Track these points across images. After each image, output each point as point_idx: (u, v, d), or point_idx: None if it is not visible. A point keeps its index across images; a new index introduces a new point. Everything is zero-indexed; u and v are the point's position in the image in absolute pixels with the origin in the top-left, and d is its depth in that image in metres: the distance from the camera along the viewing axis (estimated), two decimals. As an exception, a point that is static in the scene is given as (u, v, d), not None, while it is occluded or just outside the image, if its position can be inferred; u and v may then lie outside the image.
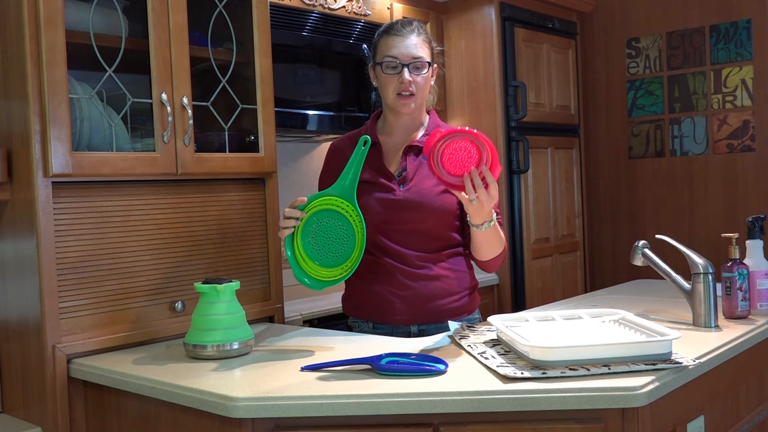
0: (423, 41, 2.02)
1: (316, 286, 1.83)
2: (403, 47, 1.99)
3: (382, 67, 2.01)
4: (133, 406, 1.70)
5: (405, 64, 1.98)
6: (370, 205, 2.01)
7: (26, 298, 1.83)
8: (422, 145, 2.02)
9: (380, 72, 2.03)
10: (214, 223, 2.16)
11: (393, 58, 1.99)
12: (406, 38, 2.00)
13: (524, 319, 1.84)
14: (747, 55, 4.04)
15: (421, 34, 2.03)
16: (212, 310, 1.79)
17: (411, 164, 2.05)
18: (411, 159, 2.06)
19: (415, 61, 1.99)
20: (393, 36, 2.01)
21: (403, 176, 2.04)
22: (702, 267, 1.90)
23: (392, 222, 2.01)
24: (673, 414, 1.53)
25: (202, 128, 2.22)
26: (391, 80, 2.00)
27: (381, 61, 2.01)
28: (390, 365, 1.52)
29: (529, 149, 3.76)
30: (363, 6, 3.30)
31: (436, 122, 2.13)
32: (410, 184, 2.02)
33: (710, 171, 4.19)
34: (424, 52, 2.01)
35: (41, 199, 1.79)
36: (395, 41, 2.00)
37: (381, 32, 2.06)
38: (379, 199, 2.01)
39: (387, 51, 2.00)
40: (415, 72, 2.00)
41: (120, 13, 1.99)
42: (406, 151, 2.06)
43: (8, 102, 1.85)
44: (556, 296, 3.88)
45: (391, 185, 2.03)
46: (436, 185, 2.00)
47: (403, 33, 2.00)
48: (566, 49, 4.17)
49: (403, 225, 2.01)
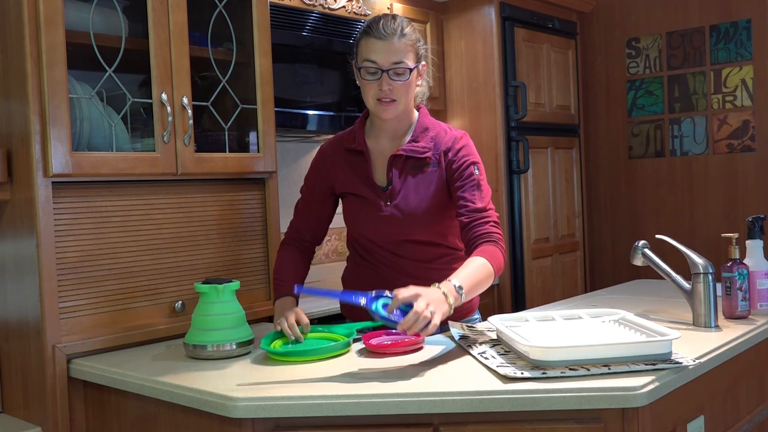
0: (406, 44, 1.89)
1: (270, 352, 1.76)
2: (383, 52, 1.86)
3: (360, 72, 1.91)
4: (133, 406, 1.70)
5: (384, 70, 1.87)
6: (359, 222, 2.00)
7: (26, 298, 1.83)
8: (407, 154, 1.95)
9: (359, 76, 1.93)
10: (214, 223, 2.15)
11: (372, 63, 1.87)
12: (386, 42, 1.87)
13: (524, 319, 1.84)
14: (747, 55, 4.04)
15: (405, 35, 1.89)
16: (212, 310, 1.79)
17: (396, 178, 1.96)
18: (396, 172, 1.96)
19: (396, 66, 1.87)
20: (373, 39, 1.88)
21: (390, 190, 1.95)
22: (702, 267, 1.90)
23: (383, 236, 1.97)
24: (673, 414, 1.53)
25: (202, 128, 2.22)
26: (370, 86, 1.89)
27: (360, 66, 1.91)
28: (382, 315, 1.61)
29: (529, 149, 3.76)
30: (363, 6, 3.30)
31: (424, 124, 2.00)
32: (397, 199, 1.94)
33: (710, 171, 4.19)
34: (406, 57, 1.88)
35: (41, 199, 1.79)
36: (375, 45, 1.87)
37: (362, 31, 1.93)
38: (367, 216, 1.97)
39: (366, 55, 1.88)
40: (396, 78, 1.88)
41: (120, 13, 1.99)
42: (390, 162, 1.96)
43: (8, 102, 1.85)
44: (556, 296, 3.88)
45: (378, 201, 1.96)
46: (423, 200, 1.94)
47: (384, 36, 1.87)
48: (566, 49, 4.17)
49: (394, 237, 1.97)
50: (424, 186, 1.95)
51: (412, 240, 1.97)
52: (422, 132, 1.99)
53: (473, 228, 1.88)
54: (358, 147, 1.99)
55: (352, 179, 1.99)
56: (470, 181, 1.92)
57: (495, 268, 1.83)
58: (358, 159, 1.99)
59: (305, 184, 2.12)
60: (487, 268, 1.81)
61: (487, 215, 1.89)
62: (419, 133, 1.98)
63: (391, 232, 1.96)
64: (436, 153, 1.96)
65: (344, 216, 2.06)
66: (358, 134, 2.01)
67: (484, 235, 1.86)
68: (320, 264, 3.51)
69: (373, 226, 1.97)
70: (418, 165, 1.96)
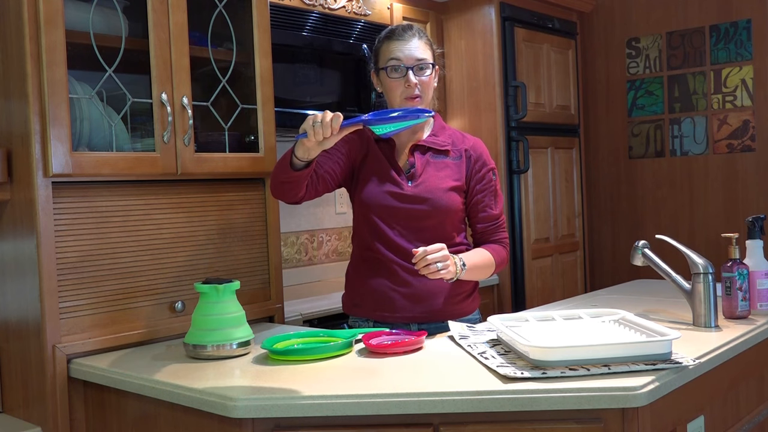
0: (425, 44, 2.06)
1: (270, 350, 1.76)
2: (406, 50, 2.01)
3: (386, 71, 2.03)
4: (133, 406, 1.70)
5: (409, 67, 2.01)
6: (378, 196, 2.03)
7: (26, 298, 1.83)
8: (428, 145, 2.07)
9: (385, 77, 2.04)
10: (214, 223, 2.16)
11: (397, 61, 2.01)
12: (408, 42, 2.02)
13: (524, 319, 1.84)
14: (747, 55, 4.04)
15: (423, 37, 2.06)
16: (212, 310, 1.79)
17: (419, 161, 2.06)
18: (418, 156, 2.07)
19: (419, 62, 2.02)
20: (395, 40, 2.03)
21: (412, 173, 2.05)
22: (702, 267, 1.90)
23: (398, 215, 2.02)
24: (673, 414, 1.53)
25: (202, 128, 2.22)
26: (397, 84, 2.02)
27: (385, 66, 2.03)
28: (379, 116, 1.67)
29: (529, 149, 3.76)
30: (363, 6, 3.30)
31: (441, 123, 2.15)
32: (419, 180, 2.04)
33: (710, 171, 4.19)
34: (426, 54, 2.04)
35: (41, 199, 1.79)
36: (398, 45, 2.02)
37: (382, 38, 2.08)
38: (389, 191, 2.03)
39: (390, 55, 2.02)
40: (420, 74, 2.02)
41: (120, 13, 1.99)
42: (413, 149, 2.08)
43: (8, 102, 1.85)
44: (556, 296, 3.88)
45: (400, 180, 2.04)
46: (443, 182, 2.04)
47: (405, 37, 2.03)
48: (566, 49, 4.17)
49: (409, 220, 2.02)
50: (444, 172, 2.06)
51: (424, 226, 2.03)
52: (440, 129, 2.13)
53: (487, 233, 2.12)
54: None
55: (380, 158, 2.07)
56: (490, 187, 2.12)
57: (497, 262, 2.08)
58: (384, 145, 2.09)
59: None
60: (489, 258, 2.06)
61: (501, 222, 2.14)
62: (438, 130, 2.12)
63: (407, 212, 2.02)
64: (456, 148, 2.10)
65: (362, 194, 2.06)
66: None
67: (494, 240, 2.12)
68: (320, 264, 3.51)
69: (393, 202, 2.03)
70: (438, 155, 2.08)
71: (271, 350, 1.72)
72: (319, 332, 1.92)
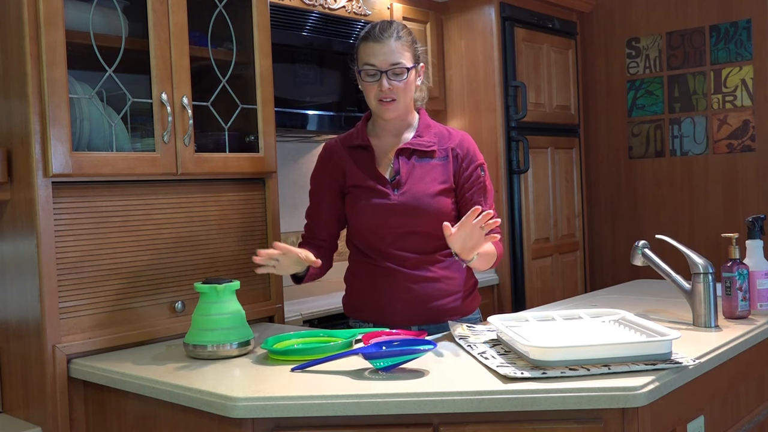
0: (402, 45, 1.99)
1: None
2: (380, 55, 1.97)
3: (361, 75, 2.02)
4: (133, 406, 1.70)
5: (383, 71, 1.97)
6: (366, 211, 2.02)
7: (26, 298, 1.83)
8: (413, 147, 2.04)
9: (360, 79, 2.03)
10: (214, 223, 2.15)
11: (371, 66, 1.98)
12: (384, 44, 1.97)
13: (524, 319, 1.84)
14: (747, 55, 4.04)
15: (401, 37, 1.99)
16: (212, 310, 1.79)
17: (404, 167, 2.03)
18: (403, 162, 2.04)
19: (394, 67, 1.97)
20: (371, 43, 1.99)
21: (397, 180, 2.02)
22: (702, 267, 1.90)
23: (389, 226, 2.01)
24: (673, 414, 1.53)
25: (202, 128, 2.22)
26: (371, 87, 2.00)
27: (360, 69, 2.02)
28: (378, 350, 1.54)
29: (529, 149, 3.76)
30: (363, 6, 3.30)
31: (426, 122, 2.11)
32: (404, 188, 2.01)
33: (710, 171, 4.19)
34: (403, 57, 1.98)
35: (41, 199, 1.79)
36: (373, 48, 1.98)
37: (360, 38, 2.04)
38: (375, 204, 2.01)
39: (365, 58, 1.99)
40: (394, 78, 1.98)
41: (120, 13, 1.99)
42: (398, 154, 2.05)
43: (8, 102, 1.85)
44: (556, 296, 3.88)
45: (385, 190, 2.02)
46: (431, 187, 2.01)
47: (381, 39, 1.97)
48: (566, 49, 4.17)
49: (400, 228, 2.01)
50: (430, 176, 2.03)
51: (416, 231, 2.01)
52: (425, 128, 2.09)
53: None
54: (363, 143, 2.07)
55: (359, 172, 2.06)
56: (479, 184, 2.06)
57: (498, 253, 2.04)
58: (363, 154, 2.07)
59: (312, 183, 2.17)
60: (492, 249, 2.00)
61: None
62: (423, 130, 2.09)
63: (397, 222, 2.01)
64: (442, 148, 2.06)
65: (348, 210, 2.08)
66: (361, 132, 2.10)
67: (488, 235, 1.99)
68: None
69: (381, 217, 2.01)
70: (424, 157, 2.05)
71: (271, 350, 1.72)
72: (319, 332, 1.92)
